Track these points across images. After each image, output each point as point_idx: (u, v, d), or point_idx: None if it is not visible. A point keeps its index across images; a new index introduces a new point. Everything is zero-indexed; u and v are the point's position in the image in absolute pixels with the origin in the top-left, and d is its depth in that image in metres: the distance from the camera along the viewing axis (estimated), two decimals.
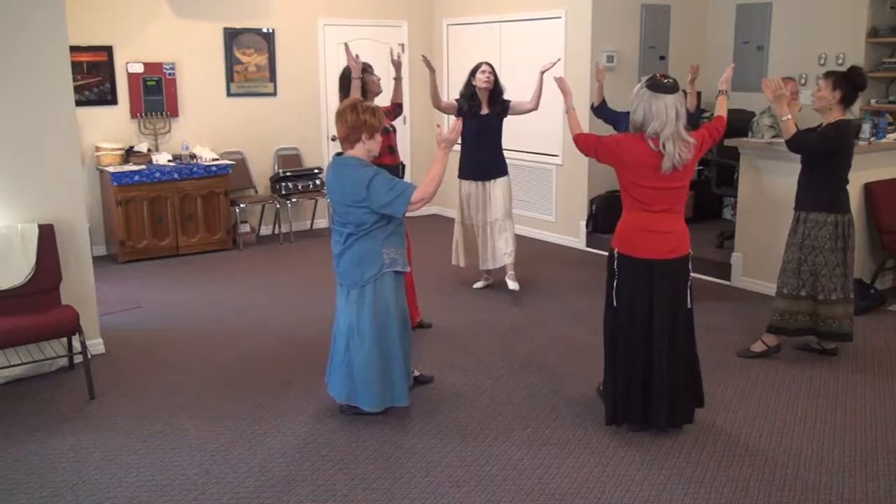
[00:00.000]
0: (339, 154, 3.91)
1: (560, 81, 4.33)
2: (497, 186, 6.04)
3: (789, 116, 4.52)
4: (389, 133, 5.04)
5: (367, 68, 5.03)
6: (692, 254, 3.81)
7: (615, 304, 3.79)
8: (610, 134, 4.08)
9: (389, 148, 5.00)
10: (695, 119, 5.54)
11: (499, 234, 6.07)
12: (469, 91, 5.90)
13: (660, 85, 3.59)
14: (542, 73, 5.82)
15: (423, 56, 5.87)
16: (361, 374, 3.92)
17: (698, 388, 3.93)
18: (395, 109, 5.34)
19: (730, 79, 4.27)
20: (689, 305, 3.78)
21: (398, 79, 5.37)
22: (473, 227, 6.14)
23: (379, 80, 5.13)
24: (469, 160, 6.06)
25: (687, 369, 3.82)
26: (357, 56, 4.91)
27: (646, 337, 3.74)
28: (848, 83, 4.49)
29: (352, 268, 3.87)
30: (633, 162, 3.64)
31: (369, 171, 3.75)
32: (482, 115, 5.89)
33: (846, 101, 4.51)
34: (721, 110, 4.10)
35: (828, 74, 4.59)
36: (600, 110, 5.97)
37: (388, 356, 3.93)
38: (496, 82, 5.87)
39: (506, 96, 5.97)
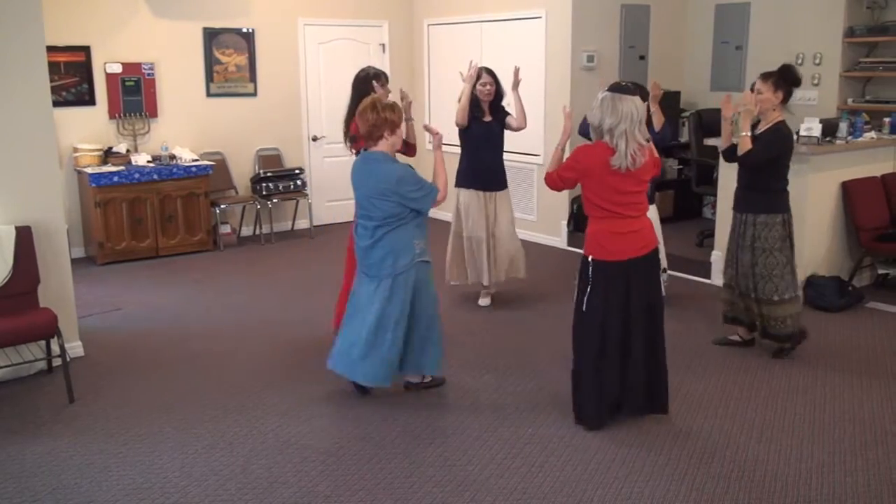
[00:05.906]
0: (365, 149, 4.09)
1: (566, 117, 4.13)
2: (501, 199, 5.81)
3: (748, 133, 4.58)
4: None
5: (379, 75, 4.93)
6: (672, 253, 3.85)
7: (584, 308, 3.84)
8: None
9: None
10: (665, 139, 5.34)
11: (508, 248, 5.82)
12: (471, 98, 5.68)
13: (620, 87, 3.78)
14: (515, 88, 5.65)
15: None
16: (388, 356, 4.07)
17: (665, 378, 4.02)
18: (406, 149, 4.76)
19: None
20: (663, 293, 3.95)
21: (409, 119, 4.87)
22: (471, 240, 5.77)
23: (390, 92, 4.94)
24: (470, 168, 5.76)
25: (663, 357, 3.96)
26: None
27: (621, 333, 3.82)
28: (786, 82, 4.59)
29: (383, 259, 4.00)
30: (595, 168, 3.70)
31: (397, 167, 3.96)
32: (485, 122, 5.68)
33: (786, 100, 4.63)
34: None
35: (765, 77, 4.63)
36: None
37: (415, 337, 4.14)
38: (497, 92, 5.69)
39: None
